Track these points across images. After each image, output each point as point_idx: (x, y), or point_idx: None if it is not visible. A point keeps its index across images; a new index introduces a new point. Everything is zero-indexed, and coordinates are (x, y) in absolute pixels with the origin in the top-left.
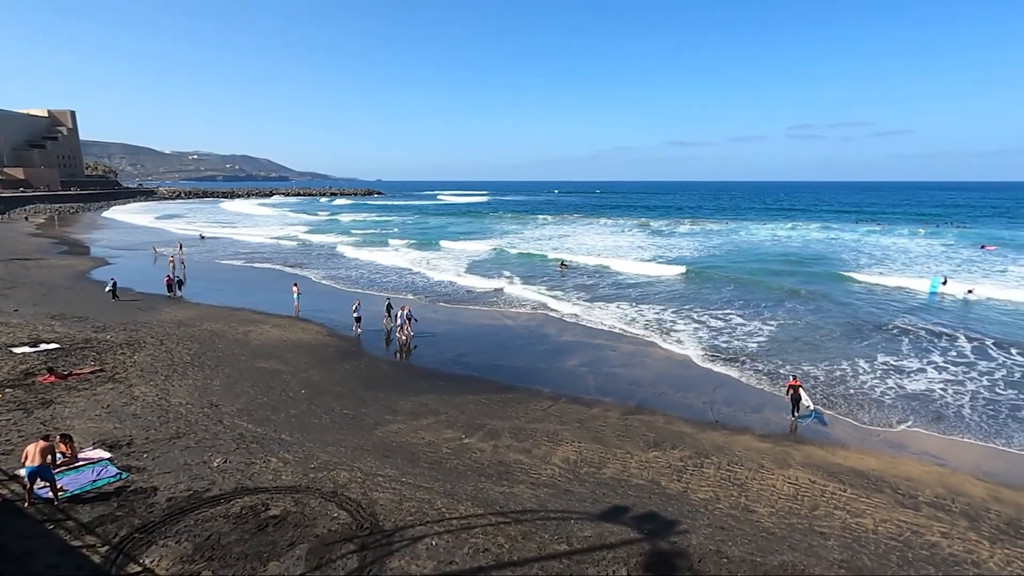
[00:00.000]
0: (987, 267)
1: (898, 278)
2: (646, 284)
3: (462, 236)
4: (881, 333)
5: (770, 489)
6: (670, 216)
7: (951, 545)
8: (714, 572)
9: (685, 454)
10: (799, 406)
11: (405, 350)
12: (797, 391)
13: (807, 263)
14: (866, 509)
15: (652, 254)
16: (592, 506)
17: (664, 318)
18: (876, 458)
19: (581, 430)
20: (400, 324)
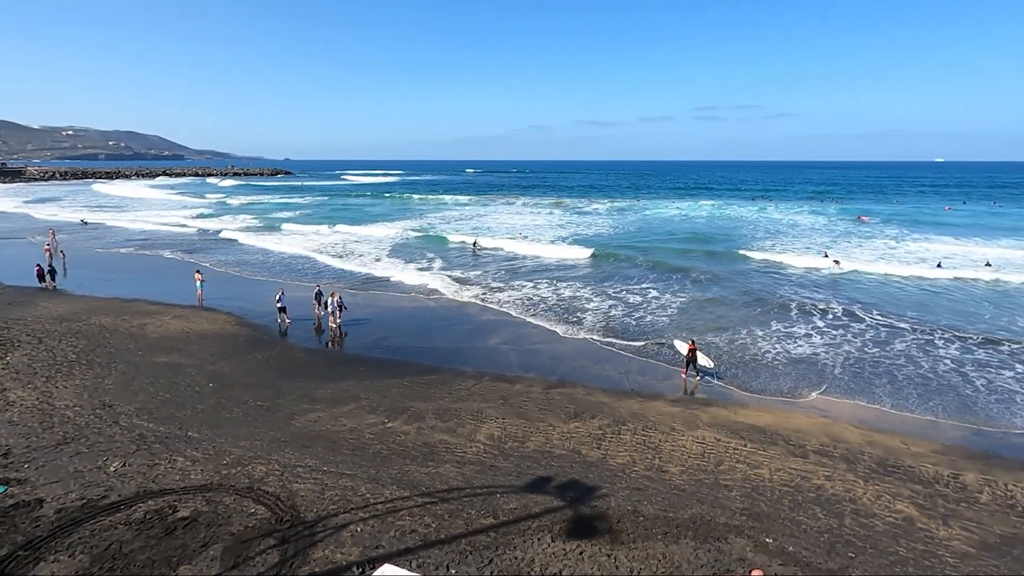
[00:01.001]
0: (861, 238)
1: (787, 255)
2: (563, 262)
3: (374, 219)
4: (773, 304)
5: (681, 449)
6: (586, 195)
7: (833, 486)
8: (631, 530)
9: (604, 423)
10: (695, 366)
11: (338, 339)
12: (694, 353)
13: (710, 240)
14: (763, 460)
15: (570, 232)
16: (517, 479)
17: (580, 295)
18: (771, 414)
19: (505, 406)
20: (332, 311)
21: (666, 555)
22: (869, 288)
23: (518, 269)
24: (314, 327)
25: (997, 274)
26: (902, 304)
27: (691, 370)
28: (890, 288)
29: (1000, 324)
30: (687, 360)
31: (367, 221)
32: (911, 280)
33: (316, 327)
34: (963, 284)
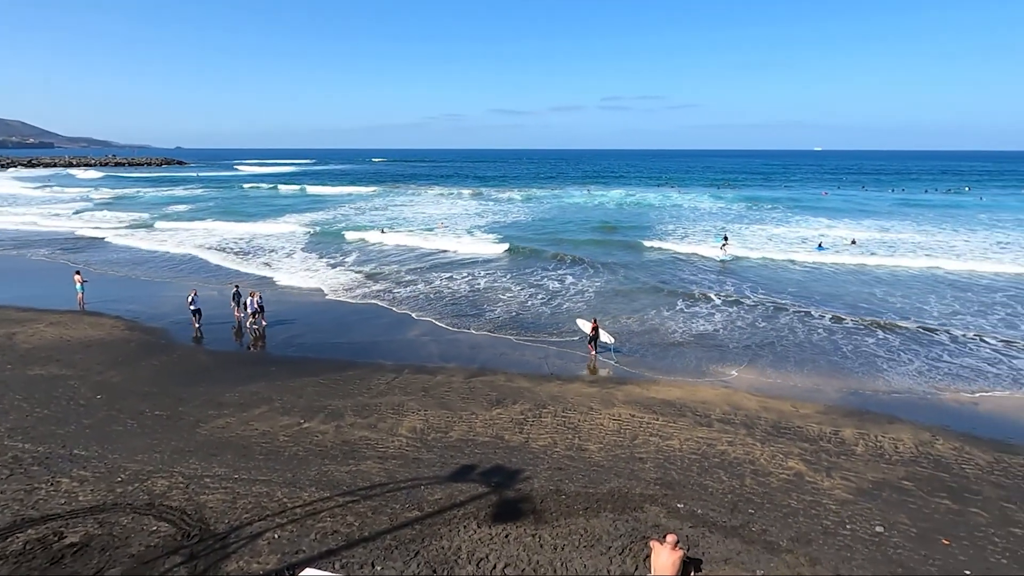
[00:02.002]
0: (751, 221)
1: (688, 242)
2: (477, 253)
3: (273, 212)
4: (676, 288)
5: (599, 427)
6: (501, 184)
7: (735, 451)
8: (555, 509)
9: (525, 407)
10: (597, 343)
11: (260, 341)
12: (597, 331)
13: (620, 227)
14: (674, 432)
15: (486, 222)
16: (441, 469)
17: (497, 285)
18: (680, 388)
19: (427, 398)
20: (252, 312)
21: (587, 529)
22: (757, 271)
23: (431, 261)
24: (234, 330)
25: (861, 258)
26: (784, 284)
27: (596, 347)
28: (774, 270)
29: (862, 298)
30: (591, 338)
31: (265, 215)
32: (792, 263)
33: (236, 329)
34: (834, 265)
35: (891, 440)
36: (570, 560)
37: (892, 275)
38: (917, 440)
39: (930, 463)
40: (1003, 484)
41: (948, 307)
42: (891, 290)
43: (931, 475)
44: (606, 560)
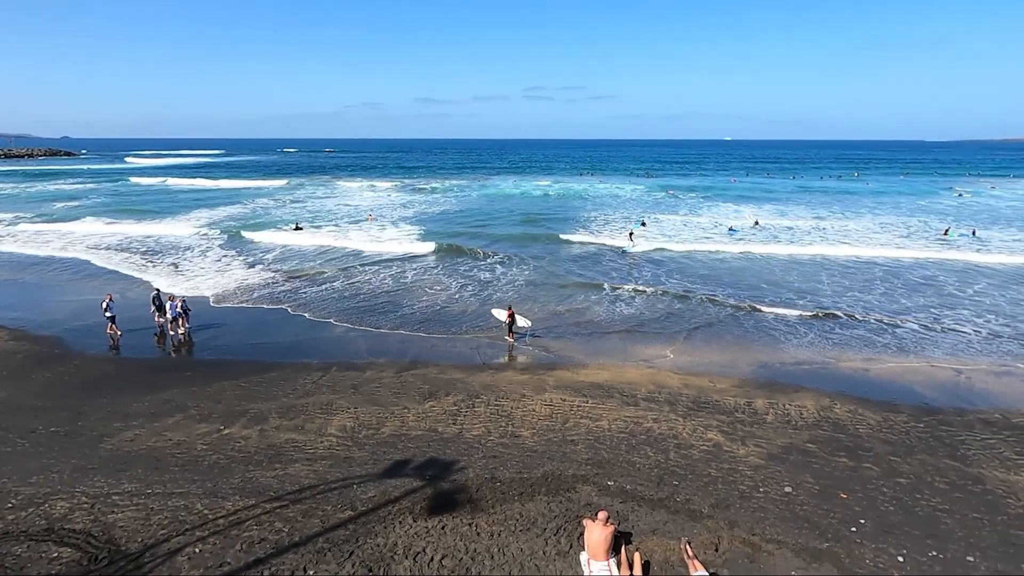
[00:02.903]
0: (667, 208)
1: (608, 235)
2: (402, 249)
3: (185, 208)
4: (600, 277)
5: (531, 414)
6: (425, 174)
7: (659, 427)
8: (490, 497)
9: (458, 398)
10: (513, 328)
11: (185, 347)
12: (512, 317)
13: (546, 219)
14: (603, 413)
15: (413, 212)
16: (374, 467)
17: (427, 278)
18: (608, 371)
19: (356, 395)
20: (174, 317)
21: (523, 514)
22: (673, 259)
23: (354, 256)
24: (156, 337)
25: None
26: (696, 270)
27: (513, 333)
28: (687, 258)
29: (764, 281)
30: (508, 325)
31: (168, 212)
32: (701, 252)
33: (158, 336)
34: (742, 254)
35: (797, 407)
36: (507, 545)
37: (791, 259)
38: (819, 406)
39: (830, 426)
40: (890, 440)
41: (838, 285)
42: (789, 273)
43: (831, 437)
44: (542, 542)
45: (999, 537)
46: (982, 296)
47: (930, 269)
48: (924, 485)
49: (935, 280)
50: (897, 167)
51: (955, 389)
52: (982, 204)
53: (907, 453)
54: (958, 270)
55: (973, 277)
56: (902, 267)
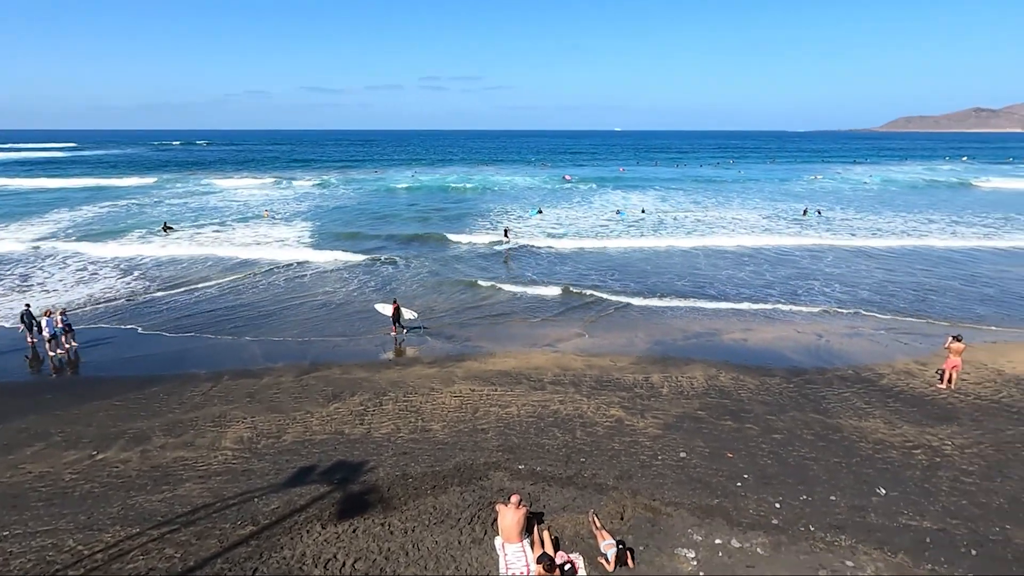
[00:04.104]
0: (563, 197)
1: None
2: (295, 246)
3: (31, 211)
4: (500, 269)
5: (441, 407)
6: (321, 168)
7: (566, 408)
8: (402, 494)
9: (364, 397)
10: (400, 321)
11: (71, 366)
12: (398, 311)
13: (444, 212)
14: (512, 400)
15: (309, 206)
16: (276, 477)
17: (325, 278)
18: (515, 358)
19: (253, 403)
20: (51, 335)
21: (436, 507)
22: (568, 253)
23: (240, 257)
24: (27, 359)
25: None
26: (584, 262)
27: (399, 326)
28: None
29: (648, 268)
30: (393, 319)
31: (8, 216)
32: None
33: (30, 358)
34: (625, 248)
35: (688, 379)
36: (421, 540)
37: (671, 248)
38: (706, 376)
39: (716, 393)
40: (766, 401)
41: (712, 267)
42: (669, 259)
43: (717, 403)
44: (456, 532)
45: (854, 476)
46: (830, 268)
47: (788, 249)
48: (795, 438)
49: (791, 256)
50: (765, 155)
51: (817, 351)
52: (830, 187)
53: (781, 411)
54: (809, 248)
55: (823, 252)
56: (765, 247)
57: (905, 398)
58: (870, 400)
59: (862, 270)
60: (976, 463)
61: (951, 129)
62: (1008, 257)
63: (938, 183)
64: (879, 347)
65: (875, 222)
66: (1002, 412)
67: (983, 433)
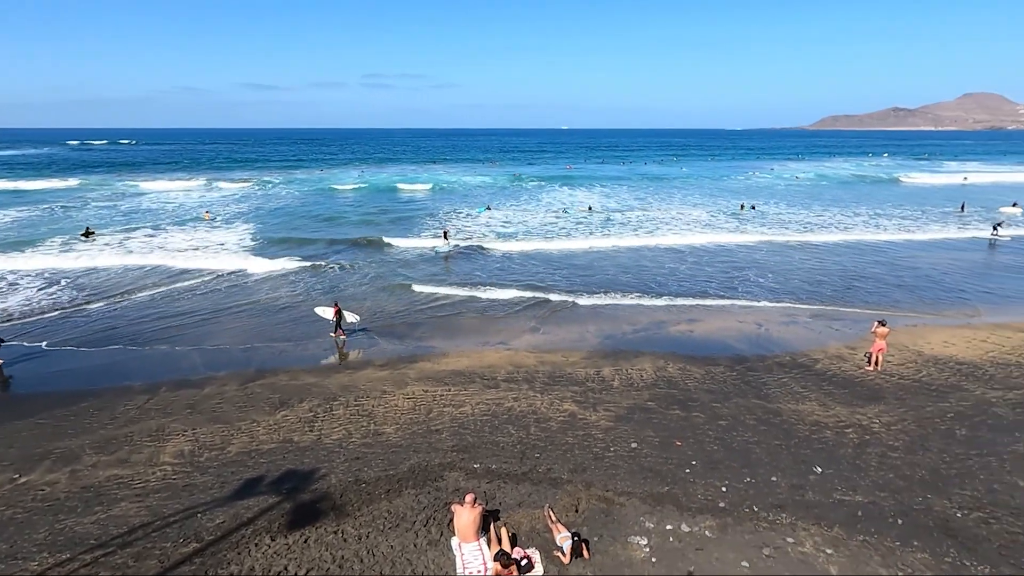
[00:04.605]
0: (512, 194)
1: (430, 237)
2: (242, 252)
3: None
4: (435, 271)
5: (394, 409)
6: (263, 168)
7: (520, 405)
8: (356, 500)
9: (314, 403)
10: (342, 324)
11: None
12: (340, 314)
13: (389, 215)
14: (465, 399)
15: (250, 207)
16: (221, 490)
17: (269, 284)
18: (468, 357)
19: (194, 415)
20: None
21: (391, 511)
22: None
23: (174, 263)
24: None
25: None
26: (535, 261)
27: (341, 329)
28: (523, 253)
29: (594, 268)
30: (335, 322)
31: None
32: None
33: None
34: (567, 250)
35: (637, 371)
36: (376, 546)
37: (617, 245)
38: (655, 367)
39: (665, 383)
40: (712, 389)
41: (658, 263)
42: (616, 257)
43: (666, 393)
44: (412, 535)
45: (792, 457)
46: (765, 260)
47: (726, 244)
48: (739, 424)
49: (729, 251)
50: (706, 152)
51: (757, 339)
52: (765, 183)
53: (725, 399)
54: (746, 244)
55: (758, 246)
56: (707, 243)
57: (837, 381)
58: (806, 384)
59: (794, 262)
60: (901, 439)
61: (873, 127)
62: (924, 248)
63: (864, 178)
64: (813, 334)
65: (806, 216)
66: (923, 390)
67: (906, 410)
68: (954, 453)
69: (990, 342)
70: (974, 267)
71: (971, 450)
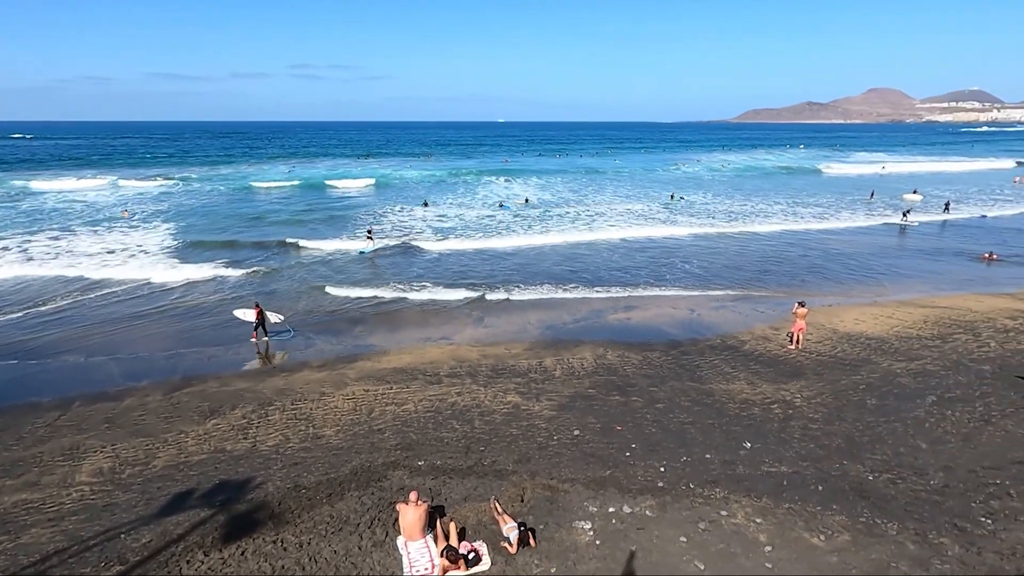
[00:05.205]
0: (449, 188)
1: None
2: (163, 255)
3: None
4: (359, 271)
5: (334, 411)
6: (183, 163)
7: (463, 399)
8: (295, 507)
9: (247, 410)
10: (265, 327)
11: None
12: (262, 315)
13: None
14: (408, 396)
15: (169, 207)
16: (147, 507)
17: (193, 288)
18: (409, 354)
19: (113, 430)
20: None
21: (333, 515)
22: (448, 251)
23: (86, 269)
24: None
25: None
26: (474, 257)
27: (266, 332)
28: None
29: (533, 262)
30: (257, 323)
31: None
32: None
33: None
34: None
35: (578, 360)
36: (318, 552)
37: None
38: (595, 355)
39: (605, 371)
40: (649, 374)
41: (595, 254)
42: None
43: (606, 380)
44: (356, 538)
45: (724, 434)
46: (694, 249)
47: (657, 235)
48: (675, 406)
49: (661, 240)
50: (639, 145)
51: (690, 324)
52: (693, 173)
53: (662, 382)
54: (674, 234)
55: (689, 236)
56: (639, 235)
57: (763, 360)
58: (735, 365)
59: (721, 249)
60: (820, 411)
61: (790, 120)
62: (838, 233)
63: (788, 169)
64: (740, 317)
65: (730, 205)
66: (838, 365)
67: (824, 384)
68: (866, 421)
69: (895, 318)
70: (883, 250)
71: (880, 418)
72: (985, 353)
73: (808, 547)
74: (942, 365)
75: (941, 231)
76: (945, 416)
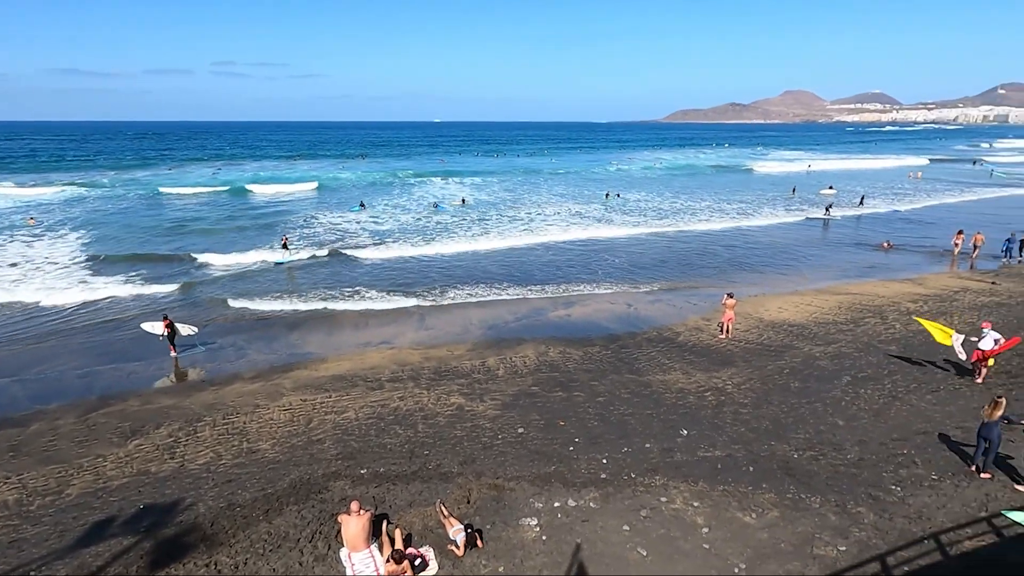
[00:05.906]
0: (384, 189)
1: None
2: (57, 265)
3: None
4: (266, 285)
5: (269, 423)
6: (93, 166)
7: (406, 404)
8: (230, 527)
9: (174, 427)
10: (175, 340)
11: None
12: (172, 327)
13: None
14: (348, 404)
15: (81, 212)
16: (60, 540)
17: (108, 300)
18: (349, 360)
19: (19, 458)
20: None
21: (272, 531)
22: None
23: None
24: None
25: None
26: (409, 263)
27: (172, 345)
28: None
29: (470, 265)
30: (167, 336)
31: None
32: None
33: None
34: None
35: (521, 358)
36: (257, 572)
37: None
38: (537, 353)
39: (547, 368)
40: (590, 369)
41: (532, 254)
42: (492, 253)
43: (549, 376)
44: (297, 554)
45: (662, 423)
46: (629, 246)
47: (594, 234)
48: (615, 398)
49: (596, 239)
50: (575, 144)
51: (628, 318)
52: (626, 172)
53: (602, 376)
54: (611, 234)
55: (620, 235)
56: (577, 235)
57: (696, 350)
58: (671, 356)
59: (656, 245)
60: (749, 396)
61: (716, 120)
62: (763, 228)
63: (719, 167)
64: (674, 309)
65: (660, 202)
66: (764, 351)
67: (752, 371)
68: (790, 403)
69: (813, 305)
70: (805, 243)
71: (803, 399)
72: (892, 335)
73: (741, 526)
74: (855, 348)
75: (857, 224)
76: (859, 394)
